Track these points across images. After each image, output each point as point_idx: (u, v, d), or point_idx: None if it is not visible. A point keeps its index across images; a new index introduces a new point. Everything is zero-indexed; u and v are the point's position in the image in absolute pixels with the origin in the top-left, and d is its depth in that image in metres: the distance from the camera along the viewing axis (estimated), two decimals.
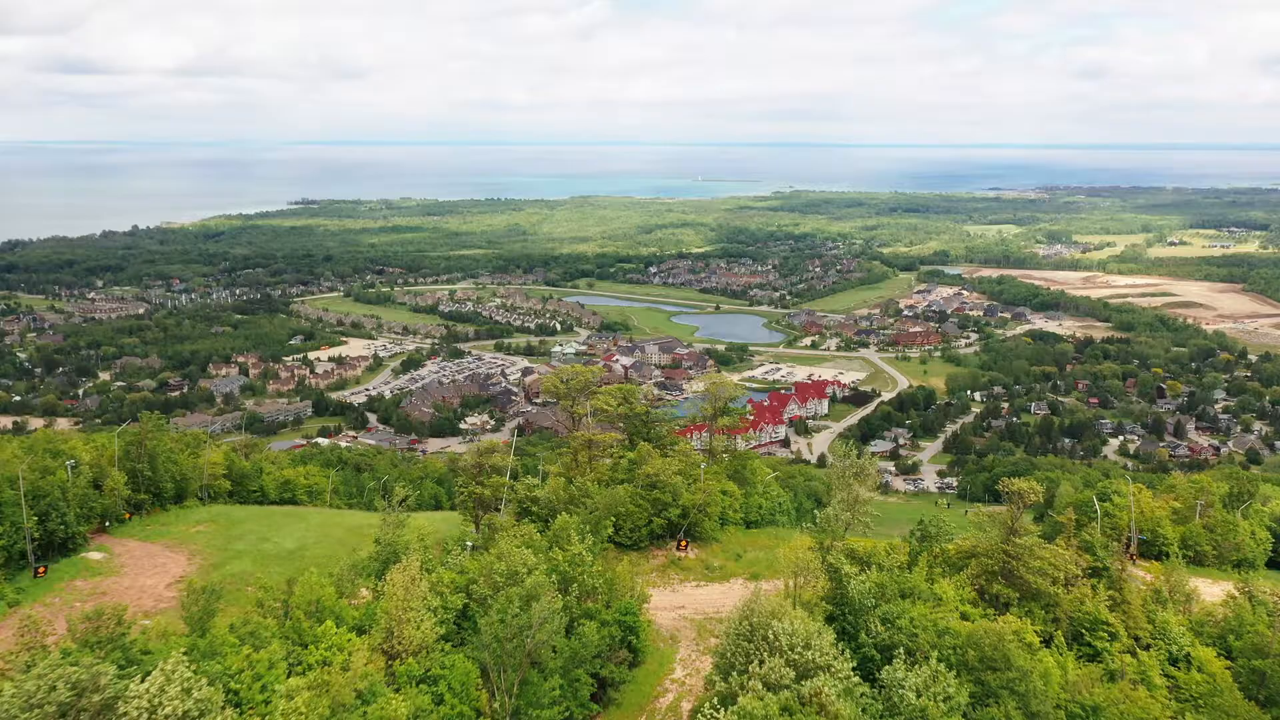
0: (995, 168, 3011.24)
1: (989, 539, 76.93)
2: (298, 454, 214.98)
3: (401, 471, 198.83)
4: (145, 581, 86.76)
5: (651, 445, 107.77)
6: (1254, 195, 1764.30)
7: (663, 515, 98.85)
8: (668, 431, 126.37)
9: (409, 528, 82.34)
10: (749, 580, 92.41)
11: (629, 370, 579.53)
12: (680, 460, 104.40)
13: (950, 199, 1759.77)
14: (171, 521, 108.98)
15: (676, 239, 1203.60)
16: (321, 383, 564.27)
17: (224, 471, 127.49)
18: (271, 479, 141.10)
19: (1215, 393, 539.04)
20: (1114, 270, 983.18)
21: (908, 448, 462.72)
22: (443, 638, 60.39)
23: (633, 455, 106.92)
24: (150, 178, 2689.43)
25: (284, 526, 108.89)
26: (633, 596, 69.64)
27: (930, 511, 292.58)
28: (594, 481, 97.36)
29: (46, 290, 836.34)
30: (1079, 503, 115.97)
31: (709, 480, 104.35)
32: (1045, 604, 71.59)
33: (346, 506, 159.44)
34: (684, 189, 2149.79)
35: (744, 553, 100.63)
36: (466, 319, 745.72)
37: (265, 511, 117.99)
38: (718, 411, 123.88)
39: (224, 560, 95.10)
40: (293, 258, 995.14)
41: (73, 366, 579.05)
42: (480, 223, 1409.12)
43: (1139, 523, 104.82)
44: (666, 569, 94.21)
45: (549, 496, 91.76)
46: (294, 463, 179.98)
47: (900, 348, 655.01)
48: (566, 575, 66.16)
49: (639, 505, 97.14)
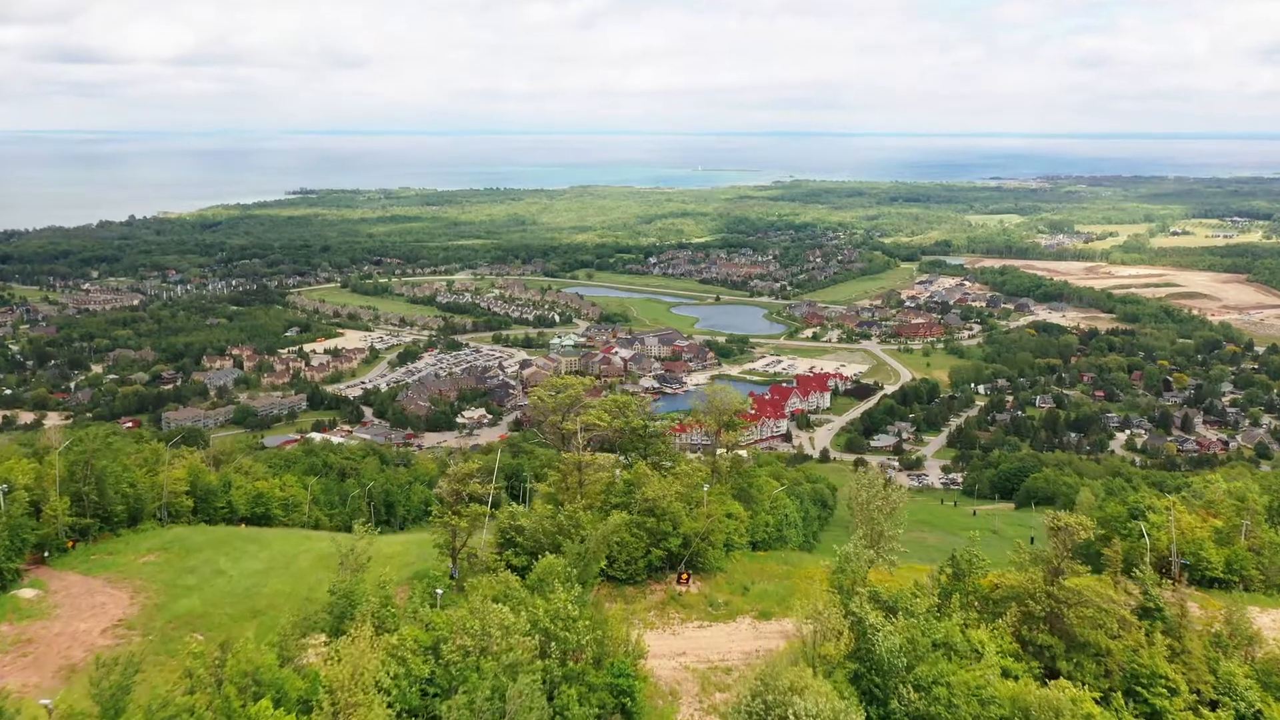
0: (996, 157, 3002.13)
1: (1031, 579, 68.43)
2: (279, 459, 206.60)
3: (389, 476, 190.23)
4: (79, 626, 77.99)
5: (649, 464, 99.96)
6: (1256, 184, 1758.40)
7: (662, 546, 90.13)
8: (667, 447, 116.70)
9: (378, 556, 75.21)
10: (758, 619, 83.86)
11: (628, 363, 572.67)
12: (681, 481, 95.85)
13: (951, 188, 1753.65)
14: (120, 550, 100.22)
15: (676, 229, 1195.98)
16: (317, 375, 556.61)
17: (186, 488, 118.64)
18: (242, 494, 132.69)
19: (1222, 385, 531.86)
20: (1117, 260, 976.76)
21: (911, 442, 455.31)
22: (407, 711, 52.60)
23: (629, 475, 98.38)
24: (149, 167, 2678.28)
25: (243, 555, 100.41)
26: (627, 652, 61.35)
27: (940, 509, 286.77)
28: (586, 507, 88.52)
29: (41, 281, 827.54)
30: (1109, 519, 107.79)
31: (713, 504, 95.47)
32: (1095, 654, 63.52)
33: (327, 518, 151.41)
34: (684, 178, 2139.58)
35: (751, 584, 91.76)
36: (464, 310, 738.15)
37: (226, 535, 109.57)
38: (722, 425, 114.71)
39: (170, 598, 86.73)
40: (290, 248, 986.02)
41: (65, 359, 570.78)
42: (479, 212, 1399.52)
43: (1180, 545, 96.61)
44: (665, 606, 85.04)
45: (534, 527, 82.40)
46: (272, 471, 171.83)
47: (902, 339, 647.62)
48: (549, 633, 58.14)
49: (635, 535, 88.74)
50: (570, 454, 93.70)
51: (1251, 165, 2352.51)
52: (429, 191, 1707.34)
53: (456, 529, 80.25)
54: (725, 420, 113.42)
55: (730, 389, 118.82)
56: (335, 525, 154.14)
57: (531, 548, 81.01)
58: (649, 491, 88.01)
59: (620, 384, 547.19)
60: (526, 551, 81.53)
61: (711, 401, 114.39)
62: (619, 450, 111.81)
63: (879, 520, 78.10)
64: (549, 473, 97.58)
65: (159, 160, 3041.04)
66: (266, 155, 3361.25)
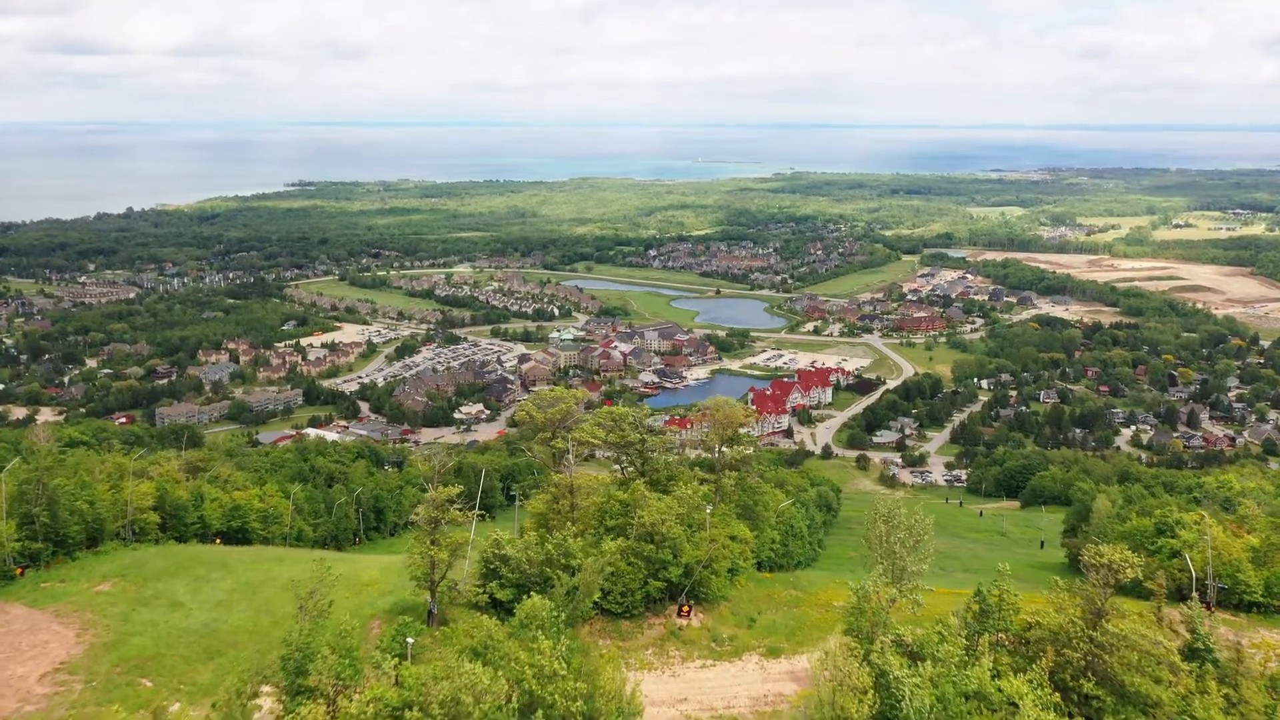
0: (997, 149, 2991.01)
1: (1069, 620, 61.87)
2: (265, 463, 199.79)
3: (378, 481, 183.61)
4: (16, 670, 70.57)
5: (648, 484, 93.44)
6: (1258, 176, 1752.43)
7: (661, 576, 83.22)
8: (666, 464, 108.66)
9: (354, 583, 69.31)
10: (765, 656, 77.26)
11: (628, 357, 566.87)
12: (681, 502, 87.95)
13: (952, 180, 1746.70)
14: (73, 577, 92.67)
15: (676, 221, 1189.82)
16: (313, 370, 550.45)
17: (153, 504, 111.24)
18: (216, 507, 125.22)
19: (1228, 380, 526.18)
20: (1120, 253, 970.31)
21: (914, 438, 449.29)
22: None
23: (625, 496, 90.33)
24: (148, 159, 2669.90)
25: (205, 583, 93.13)
26: (620, 709, 54.99)
27: (946, 509, 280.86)
28: (577, 534, 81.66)
29: (37, 274, 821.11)
30: (1133, 534, 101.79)
31: (716, 527, 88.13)
32: (1143, 705, 57.35)
33: (311, 528, 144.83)
34: (684, 170, 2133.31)
35: (758, 614, 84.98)
36: (463, 304, 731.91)
37: (191, 557, 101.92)
38: (725, 441, 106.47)
39: (121, 635, 79.41)
40: (288, 241, 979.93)
41: (59, 353, 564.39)
42: (479, 205, 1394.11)
43: (1216, 567, 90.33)
44: (665, 643, 78.26)
45: (521, 556, 75.51)
46: (255, 478, 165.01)
47: (905, 333, 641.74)
48: (532, 695, 51.89)
49: (632, 564, 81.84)
50: (561, 475, 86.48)
51: (1254, 157, 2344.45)
52: (428, 184, 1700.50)
53: (435, 560, 73.77)
54: (728, 435, 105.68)
55: (733, 400, 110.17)
56: (319, 535, 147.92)
57: (517, 579, 74.08)
58: (647, 517, 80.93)
59: (619, 378, 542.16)
60: (512, 584, 74.69)
61: (713, 414, 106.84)
62: (615, 461, 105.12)
63: (901, 555, 70.89)
64: (537, 493, 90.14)
65: (158, 152, 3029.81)
66: (266, 147, 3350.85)
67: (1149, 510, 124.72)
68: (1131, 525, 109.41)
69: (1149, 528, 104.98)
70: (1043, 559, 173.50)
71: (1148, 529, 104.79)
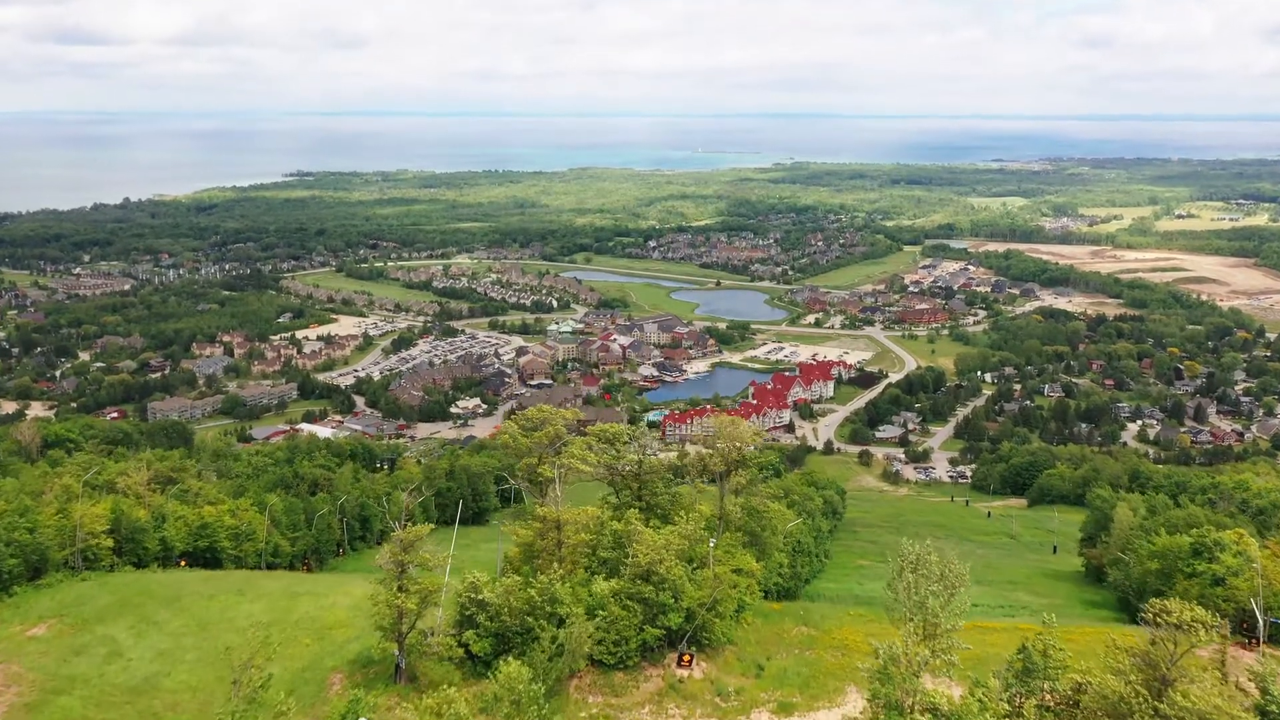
0: (998, 138, 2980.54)
1: (1131, 689, 53.87)
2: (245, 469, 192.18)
3: (364, 488, 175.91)
4: None
5: (645, 508, 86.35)
6: (1260, 166, 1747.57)
7: (658, 623, 74.76)
8: (665, 488, 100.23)
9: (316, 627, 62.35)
10: (777, 714, 69.08)
11: (627, 350, 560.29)
12: (681, 536, 79.78)
13: (953, 170, 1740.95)
14: (6, 618, 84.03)
15: (676, 212, 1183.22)
16: (308, 363, 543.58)
17: (108, 527, 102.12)
18: (181, 526, 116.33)
19: (1234, 374, 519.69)
20: (1123, 244, 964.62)
21: (917, 433, 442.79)
22: None
23: (619, 526, 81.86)
24: (146, 149, 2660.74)
25: (151, 625, 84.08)
26: None
27: (952, 509, 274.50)
28: (564, 575, 73.76)
29: (31, 266, 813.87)
30: (1166, 554, 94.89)
31: (721, 562, 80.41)
32: None
33: (289, 543, 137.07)
34: (684, 160, 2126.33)
35: (767, 660, 76.89)
36: (460, 295, 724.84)
37: (141, 590, 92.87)
38: (732, 466, 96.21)
39: (48, 693, 71.04)
40: (285, 231, 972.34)
41: (52, 346, 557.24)
42: (478, 195, 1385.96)
43: (1266, 598, 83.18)
44: (663, 699, 70.04)
45: (501, 603, 66.97)
46: (233, 488, 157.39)
47: (907, 325, 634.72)
48: None
49: (627, 608, 73.48)
50: (547, 508, 78.39)
51: (1256, 147, 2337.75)
52: (427, 174, 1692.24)
53: (403, 609, 66.42)
54: (734, 459, 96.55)
55: (738, 419, 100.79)
56: (298, 550, 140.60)
57: (496, 629, 66.41)
58: (643, 555, 73.17)
59: (618, 371, 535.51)
60: (490, 633, 66.75)
61: (718, 435, 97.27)
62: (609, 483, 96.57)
63: (934, 609, 62.65)
64: (520, 528, 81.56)
65: (157, 142, 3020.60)
66: (265, 137, 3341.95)
67: (1176, 523, 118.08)
68: (1164, 544, 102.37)
69: (1184, 548, 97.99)
70: (1057, 566, 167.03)
71: (1182, 549, 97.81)
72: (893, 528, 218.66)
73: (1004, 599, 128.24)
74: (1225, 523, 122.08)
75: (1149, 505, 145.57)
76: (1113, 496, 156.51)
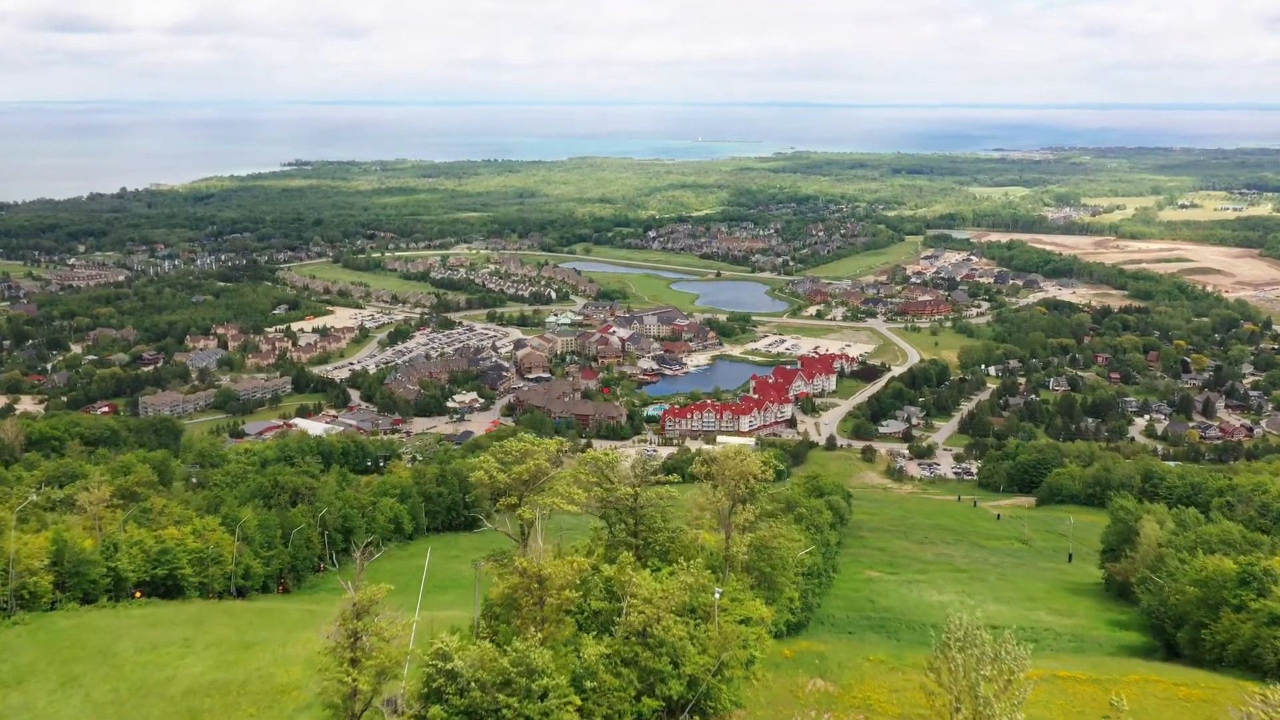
0: (999, 128, 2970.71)
1: None
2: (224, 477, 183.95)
3: (347, 498, 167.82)
4: None
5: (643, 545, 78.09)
6: (1263, 156, 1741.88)
7: (657, 692, 65.00)
8: (664, 524, 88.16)
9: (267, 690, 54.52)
10: None
11: (626, 343, 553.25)
12: (682, 585, 69.94)
13: (955, 160, 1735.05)
14: None
15: (677, 201, 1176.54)
16: (303, 356, 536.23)
17: (48, 560, 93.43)
18: (137, 554, 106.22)
19: (1242, 367, 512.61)
20: (1127, 234, 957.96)
21: (921, 428, 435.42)
22: None
23: (611, 572, 72.24)
24: (145, 138, 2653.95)
25: (77, 686, 73.95)
26: None
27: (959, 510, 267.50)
28: (545, 639, 62.38)
29: (26, 256, 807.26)
30: (1209, 581, 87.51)
31: (728, 612, 71.78)
32: None
33: (262, 564, 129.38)
34: (684, 150, 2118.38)
35: None
36: (458, 287, 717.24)
37: (75, 638, 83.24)
38: (738, 501, 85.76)
39: None
40: (282, 221, 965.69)
41: (43, 339, 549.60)
42: (477, 185, 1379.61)
43: None
44: None
45: (471, 673, 57.33)
46: (208, 499, 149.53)
47: (909, 317, 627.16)
48: None
49: (621, 674, 63.82)
50: (527, 560, 69.58)
51: (1258, 136, 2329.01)
52: (425, 163, 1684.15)
53: (356, 687, 57.89)
54: (741, 493, 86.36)
55: (746, 448, 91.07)
56: (272, 571, 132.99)
57: (466, 706, 57.79)
58: (636, 615, 63.97)
59: (618, 365, 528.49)
60: (459, 711, 58.19)
61: (722, 466, 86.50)
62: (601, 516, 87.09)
63: (988, 700, 52.72)
64: (498, 574, 71.90)
65: (155, 131, 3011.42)
66: (264, 126, 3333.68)
67: (1209, 540, 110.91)
68: (1206, 571, 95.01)
69: (1229, 575, 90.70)
70: (1076, 578, 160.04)
71: (1228, 576, 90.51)
72: (900, 531, 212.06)
73: (1024, 618, 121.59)
74: (1260, 540, 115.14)
75: (1178, 519, 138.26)
76: (1136, 508, 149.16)
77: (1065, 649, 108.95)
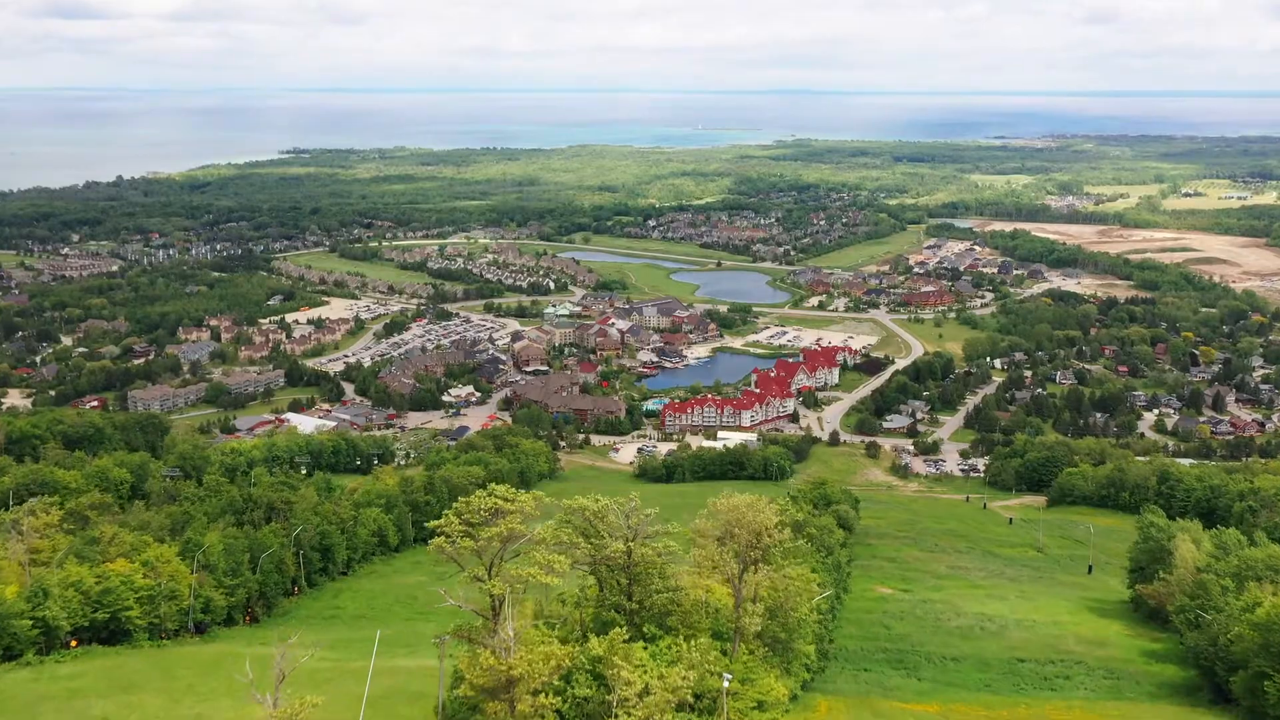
0: (1002, 115, 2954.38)
1: None
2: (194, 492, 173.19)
3: (325, 514, 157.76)
4: None
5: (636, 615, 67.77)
6: (1266, 144, 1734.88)
7: None
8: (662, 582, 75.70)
9: None
10: None
11: (625, 335, 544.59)
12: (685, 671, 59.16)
13: (956, 148, 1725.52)
14: None
15: (677, 190, 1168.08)
16: (298, 348, 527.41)
17: None
18: (73, 598, 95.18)
19: (1252, 359, 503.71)
20: (1131, 223, 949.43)
21: (926, 423, 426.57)
22: None
23: (600, 650, 61.47)
24: (143, 125, 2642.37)
25: None
26: None
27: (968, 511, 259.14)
28: None
29: (19, 245, 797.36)
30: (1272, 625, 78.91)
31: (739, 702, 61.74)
32: None
33: (224, 595, 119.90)
34: (685, 137, 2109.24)
35: None
36: (456, 277, 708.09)
37: None
38: (748, 565, 74.38)
39: None
40: (278, 210, 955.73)
41: (33, 331, 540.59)
42: (476, 173, 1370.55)
43: None
44: None
45: None
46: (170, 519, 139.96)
47: (912, 308, 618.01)
48: None
49: None
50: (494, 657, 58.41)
51: (1261, 124, 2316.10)
52: (425, 151, 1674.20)
53: None
54: (753, 555, 74.95)
55: (756, 499, 78.45)
56: (236, 601, 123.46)
57: None
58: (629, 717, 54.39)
59: (617, 357, 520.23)
60: None
61: (728, 522, 75.31)
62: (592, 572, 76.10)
63: None
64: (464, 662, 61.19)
65: (154, 118, 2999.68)
66: (263, 113, 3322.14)
67: (1255, 567, 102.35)
68: (1265, 611, 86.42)
69: None
70: (1098, 594, 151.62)
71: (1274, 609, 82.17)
72: (910, 538, 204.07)
73: (1052, 649, 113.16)
74: None
75: (1217, 541, 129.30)
76: (1169, 525, 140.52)
77: (1101, 690, 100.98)
